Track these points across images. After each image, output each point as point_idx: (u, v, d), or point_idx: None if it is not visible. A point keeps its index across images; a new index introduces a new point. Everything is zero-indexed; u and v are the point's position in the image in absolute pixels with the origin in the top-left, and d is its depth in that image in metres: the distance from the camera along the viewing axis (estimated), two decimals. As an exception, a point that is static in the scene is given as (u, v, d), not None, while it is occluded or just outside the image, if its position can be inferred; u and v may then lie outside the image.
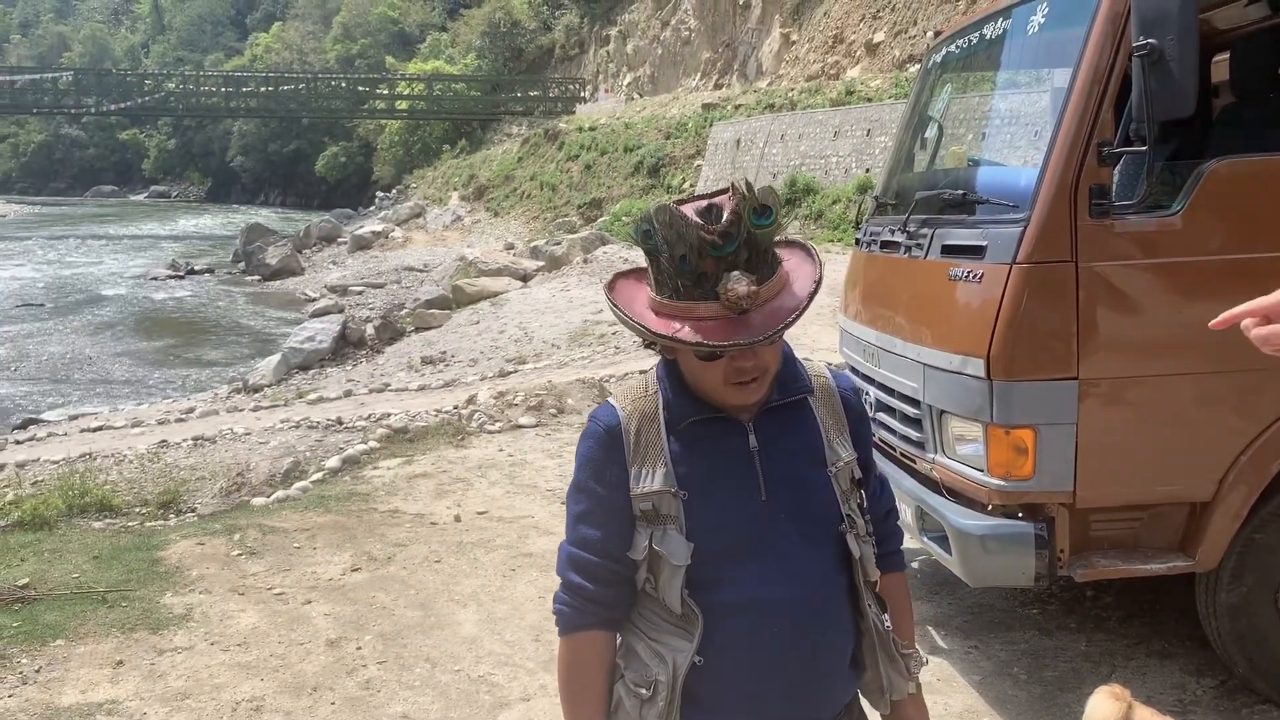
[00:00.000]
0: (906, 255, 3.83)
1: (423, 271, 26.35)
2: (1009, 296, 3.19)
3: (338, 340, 15.56)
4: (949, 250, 3.52)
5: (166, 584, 4.92)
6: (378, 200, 50.68)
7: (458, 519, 5.85)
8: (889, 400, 3.95)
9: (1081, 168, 3.15)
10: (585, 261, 19.29)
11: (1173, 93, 2.93)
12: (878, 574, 1.76)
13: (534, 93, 50.64)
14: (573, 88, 48.86)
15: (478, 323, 15.08)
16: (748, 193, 1.51)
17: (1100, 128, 3.16)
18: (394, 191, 50.84)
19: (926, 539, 3.66)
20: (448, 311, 17.18)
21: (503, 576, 5.00)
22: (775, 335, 1.52)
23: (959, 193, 3.67)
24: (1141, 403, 3.26)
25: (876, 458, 1.91)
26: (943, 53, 4.35)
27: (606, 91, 44.68)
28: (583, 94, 47.42)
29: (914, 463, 3.80)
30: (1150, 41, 2.92)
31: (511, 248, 25.31)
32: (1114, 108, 3.19)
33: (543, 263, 20.43)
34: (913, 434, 3.74)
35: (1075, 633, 4.18)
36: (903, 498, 3.78)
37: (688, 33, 40.57)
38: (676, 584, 1.62)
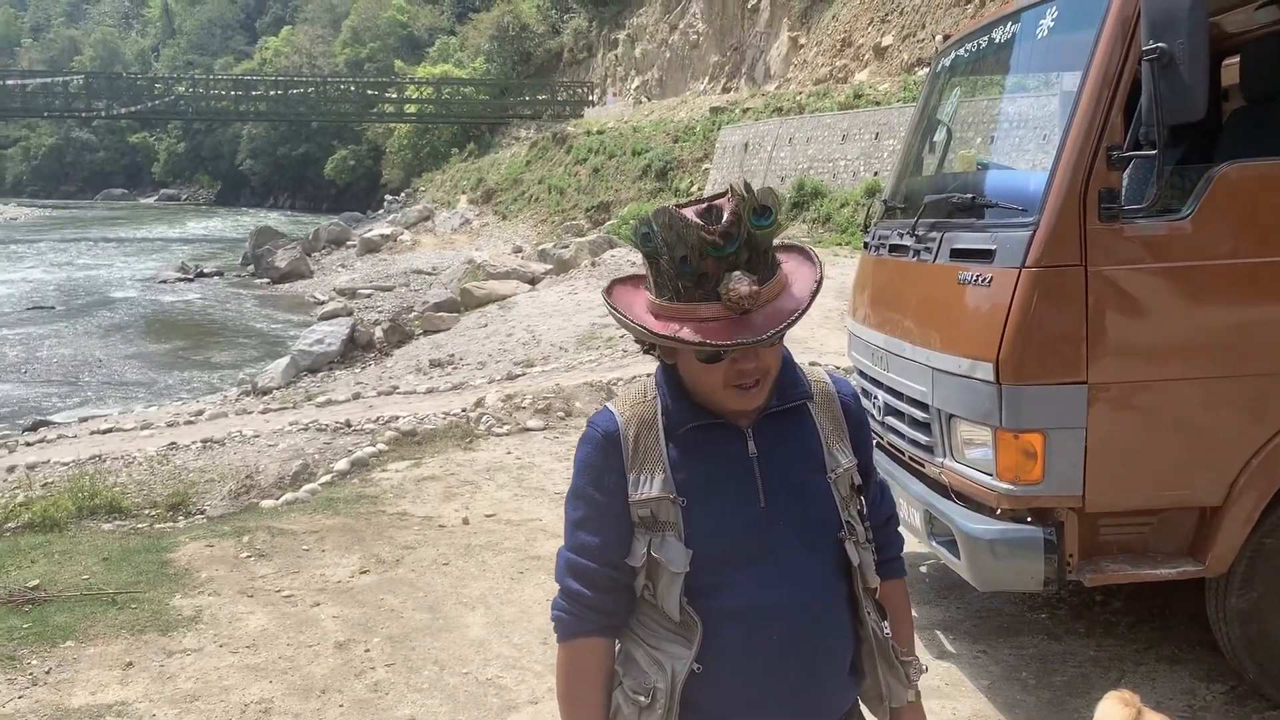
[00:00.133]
0: (915, 259, 3.83)
1: (431, 275, 26.40)
2: (1018, 300, 3.18)
3: (346, 343, 15.59)
4: (958, 254, 3.52)
5: (176, 586, 4.94)
6: (386, 204, 50.88)
7: (466, 522, 5.86)
8: (898, 404, 3.94)
9: (1091, 171, 3.15)
10: (593, 265, 19.28)
11: (1182, 96, 2.92)
12: (877, 581, 1.75)
13: (542, 96, 50.80)
14: (581, 91, 48.96)
15: (486, 326, 15.08)
16: (747, 194, 1.51)
17: (1110, 131, 3.15)
18: (402, 195, 51.02)
19: (935, 543, 3.65)
20: (456, 314, 17.19)
21: (510, 579, 5.01)
22: (778, 334, 1.52)
23: (968, 196, 3.66)
24: (1151, 407, 3.26)
25: (886, 462, 1.90)
26: (951, 56, 4.35)
27: (614, 95, 44.72)
28: (591, 97, 47.50)
29: (923, 467, 3.79)
30: (1160, 45, 2.92)
31: (519, 251, 25.32)
32: (1123, 111, 3.19)
33: (550, 266, 20.43)
34: (921, 438, 3.73)
35: (1084, 637, 4.17)
36: (911, 502, 3.78)
37: (696, 36, 40.58)
38: (675, 591, 1.61)
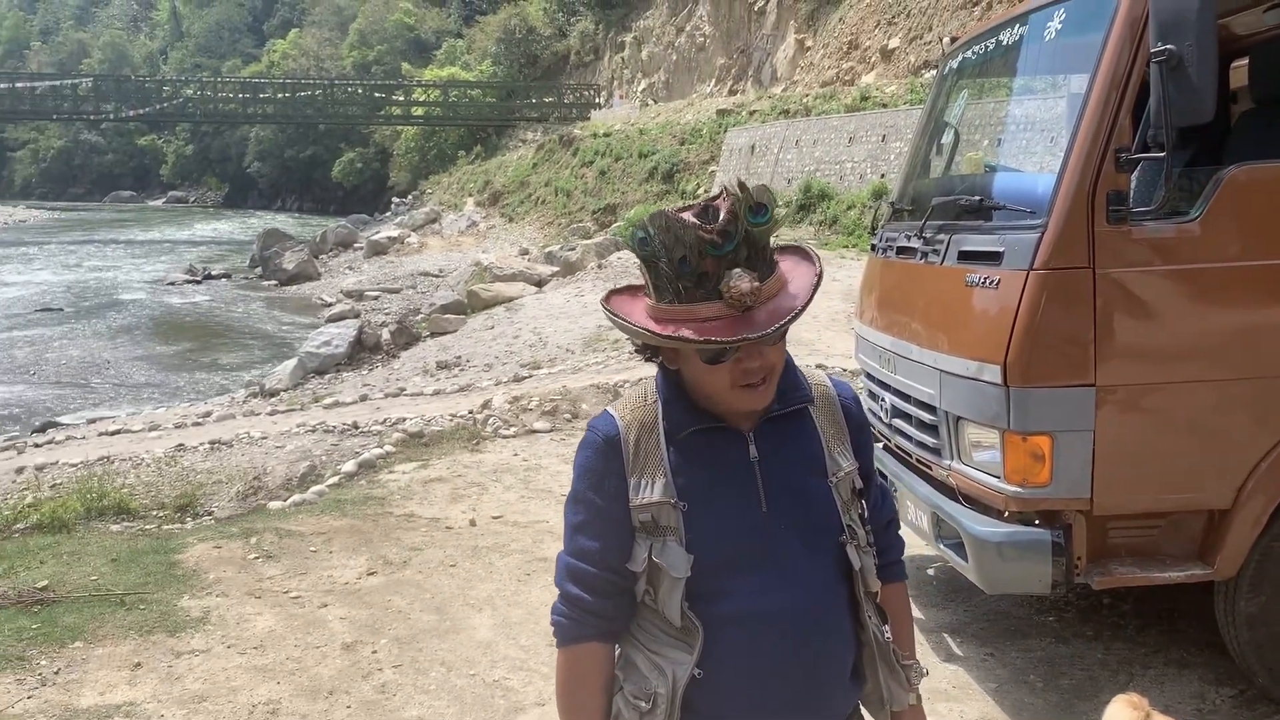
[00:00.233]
0: (923, 261, 3.83)
1: (438, 277, 26.45)
2: (1026, 302, 3.18)
3: (353, 345, 15.63)
4: (966, 256, 3.52)
5: (184, 587, 4.95)
6: (393, 206, 51.00)
7: (473, 523, 5.87)
8: (905, 406, 3.93)
9: (1099, 174, 3.15)
10: (599, 267, 19.28)
11: (1191, 98, 2.92)
12: (878, 585, 1.74)
13: (549, 99, 50.90)
14: (588, 94, 49.03)
15: (492, 328, 15.09)
16: (742, 192, 1.52)
17: (1118, 134, 3.15)
18: (410, 197, 51.13)
19: (943, 546, 3.65)
20: (463, 316, 17.21)
21: (517, 581, 5.01)
22: (783, 327, 1.52)
23: (976, 199, 3.66)
24: (1159, 409, 3.25)
25: (893, 464, 1.90)
26: (959, 58, 4.35)
27: (621, 97, 44.78)
28: (597, 100, 47.58)
29: (930, 469, 3.79)
30: (1169, 47, 2.91)
31: (526, 253, 25.34)
32: (1132, 113, 3.18)
33: (557, 268, 20.45)
34: (929, 440, 3.73)
35: (1092, 640, 4.16)
36: (919, 504, 3.77)
37: (702, 39, 40.62)
38: (676, 596, 1.61)
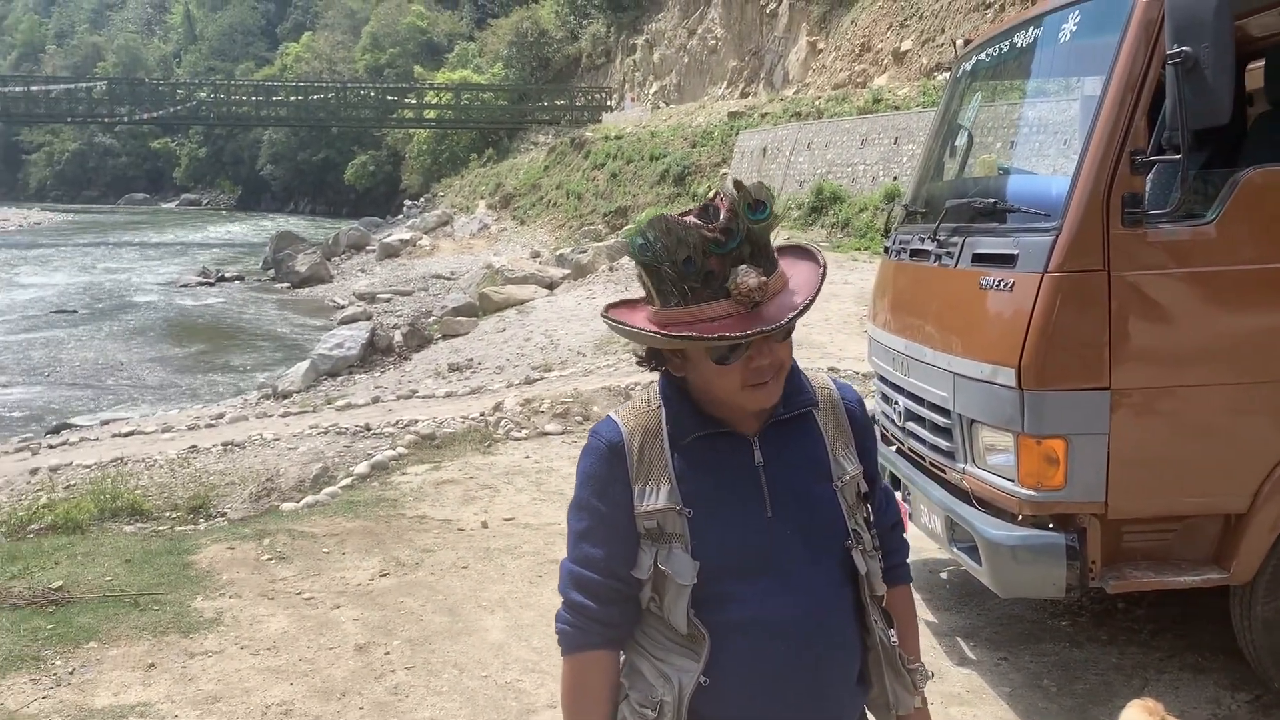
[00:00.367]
0: (937, 264, 3.82)
1: (450, 279, 26.51)
2: (1040, 306, 3.17)
3: (366, 347, 15.67)
4: (980, 259, 3.51)
5: (197, 588, 4.97)
6: (406, 208, 51.13)
7: (485, 525, 5.87)
8: (918, 409, 3.92)
9: (1114, 176, 3.13)
10: (611, 269, 19.30)
11: (1207, 101, 2.90)
12: (884, 589, 1.73)
13: (560, 101, 50.95)
14: (599, 96, 49.06)
15: (504, 330, 15.12)
16: (739, 190, 1.52)
17: (1133, 136, 3.14)
18: (422, 200, 51.29)
19: (956, 549, 3.63)
20: (474, 319, 17.25)
21: (529, 583, 5.01)
22: (794, 319, 1.52)
23: (990, 201, 3.64)
24: (1175, 413, 3.24)
25: (906, 468, 1.89)
26: (973, 61, 4.34)
27: (633, 100, 44.81)
28: (609, 103, 47.61)
29: (944, 472, 3.78)
30: (1184, 49, 2.90)
31: (537, 256, 25.39)
32: (1147, 116, 3.17)
33: (568, 271, 20.48)
34: (943, 443, 3.72)
35: (1106, 645, 4.14)
36: (932, 508, 3.76)
37: (714, 41, 40.62)
38: (682, 604, 1.60)
